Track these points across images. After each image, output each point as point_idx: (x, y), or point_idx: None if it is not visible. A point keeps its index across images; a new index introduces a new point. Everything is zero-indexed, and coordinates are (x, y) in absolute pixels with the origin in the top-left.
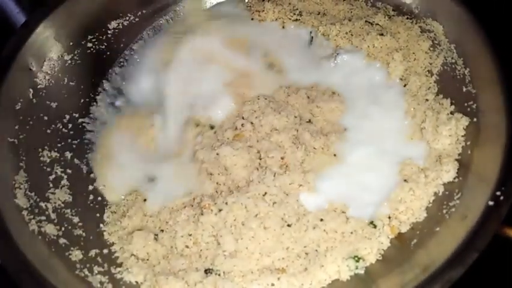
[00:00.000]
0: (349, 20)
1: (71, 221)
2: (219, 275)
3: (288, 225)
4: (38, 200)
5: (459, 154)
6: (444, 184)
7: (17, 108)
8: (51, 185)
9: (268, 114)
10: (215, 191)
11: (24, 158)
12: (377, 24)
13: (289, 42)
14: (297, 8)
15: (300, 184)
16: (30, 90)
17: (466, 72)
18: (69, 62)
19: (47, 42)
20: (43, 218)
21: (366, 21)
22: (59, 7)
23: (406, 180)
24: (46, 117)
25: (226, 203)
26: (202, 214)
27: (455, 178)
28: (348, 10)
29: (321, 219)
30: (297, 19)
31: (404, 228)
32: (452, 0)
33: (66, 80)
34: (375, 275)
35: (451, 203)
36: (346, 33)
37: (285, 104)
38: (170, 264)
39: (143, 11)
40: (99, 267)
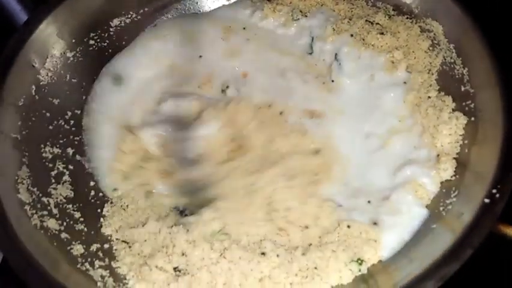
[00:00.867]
0: (349, 19)
1: (72, 216)
2: None
3: None
4: (40, 195)
5: (457, 153)
6: (441, 182)
7: (20, 104)
8: (53, 180)
9: None
10: None
11: (26, 154)
12: (377, 23)
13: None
14: (299, 8)
15: None
16: (33, 86)
17: (465, 71)
18: (71, 59)
19: (50, 40)
20: (45, 212)
21: (366, 21)
22: (62, 5)
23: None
24: (48, 114)
25: None
26: None
27: (452, 176)
28: (349, 9)
29: None
30: (298, 19)
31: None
32: (452, 0)
33: (68, 77)
34: (373, 270)
35: (447, 201)
36: (346, 31)
37: None
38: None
39: (145, 9)
40: (100, 262)
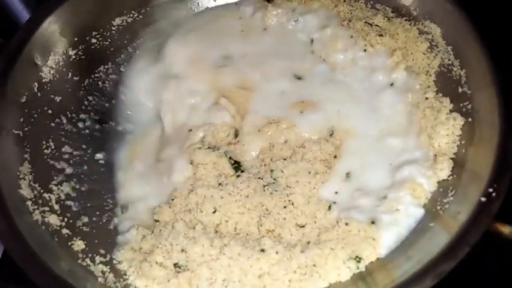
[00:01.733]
0: (349, 20)
1: (73, 212)
2: None
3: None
4: (41, 191)
5: (454, 153)
6: (438, 182)
7: (22, 101)
8: (54, 177)
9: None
10: None
11: (28, 150)
12: (376, 25)
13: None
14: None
15: None
16: (35, 84)
17: (462, 73)
18: (73, 57)
19: (53, 38)
20: (47, 208)
21: (365, 22)
22: (65, 3)
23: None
24: (50, 111)
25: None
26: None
27: (449, 176)
28: (348, 11)
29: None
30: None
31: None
32: (450, 2)
33: (70, 75)
34: (371, 268)
35: (445, 200)
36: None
37: None
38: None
39: (147, 9)
40: (101, 257)
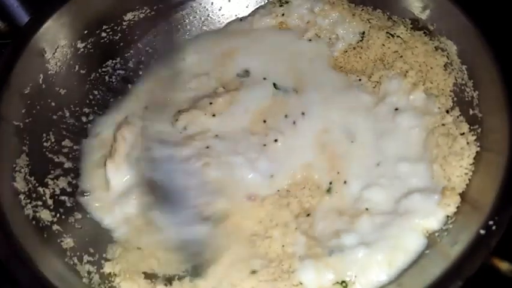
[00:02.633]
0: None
1: (67, 207)
2: None
3: None
4: (36, 184)
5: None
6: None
7: (26, 92)
8: (51, 171)
9: None
10: None
11: (27, 142)
12: (398, 36)
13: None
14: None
15: None
16: (41, 75)
17: (475, 95)
18: (81, 50)
19: (62, 29)
20: (39, 203)
21: (387, 33)
22: None
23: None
24: (54, 104)
25: None
26: None
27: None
28: (366, 21)
29: None
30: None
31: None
32: (468, 20)
33: (77, 68)
34: None
35: (444, 227)
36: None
37: None
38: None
39: (160, 5)
40: (89, 257)
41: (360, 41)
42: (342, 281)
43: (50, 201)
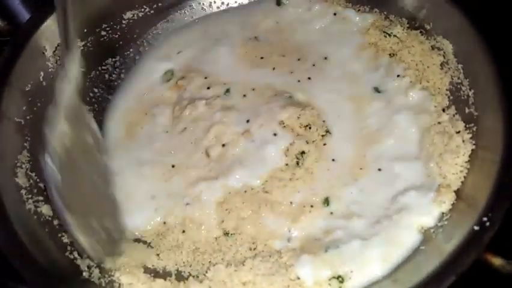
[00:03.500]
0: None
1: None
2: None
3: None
4: (38, 180)
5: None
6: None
7: (27, 89)
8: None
9: None
10: None
11: (28, 139)
12: (395, 36)
13: None
14: None
15: None
16: (41, 73)
17: (471, 93)
18: (82, 48)
19: None
20: (41, 198)
21: (384, 32)
22: None
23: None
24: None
25: None
26: None
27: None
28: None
29: None
30: None
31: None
32: (464, 20)
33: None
34: None
35: (439, 224)
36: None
37: None
38: None
39: (159, 4)
40: None
41: None
42: (339, 276)
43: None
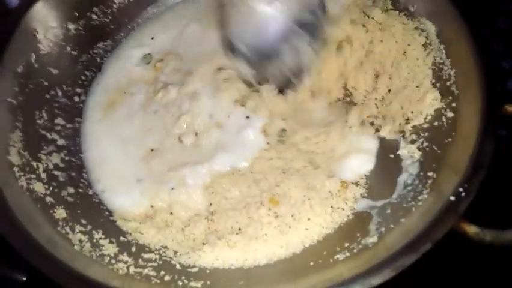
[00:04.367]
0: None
1: (60, 182)
2: None
3: None
4: (30, 159)
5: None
6: (418, 176)
7: (19, 71)
8: (44, 147)
9: None
10: None
11: (21, 119)
12: (373, 18)
13: None
14: None
15: None
16: (33, 55)
17: (452, 73)
18: (72, 31)
19: (53, 10)
20: (33, 176)
21: (363, 12)
22: None
23: None
24: (46, 83)
25: None
26: None
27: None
28: None
29: None
30: None
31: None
32: (447, 2)
33: (68, 49)
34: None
35: (419, 197)
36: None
37: None
38: None
39: None
40: (81, 227)
41: None
42: None
43: (43, 175)
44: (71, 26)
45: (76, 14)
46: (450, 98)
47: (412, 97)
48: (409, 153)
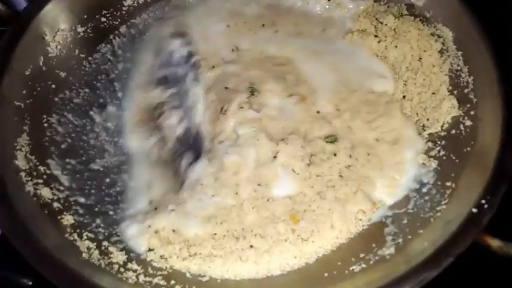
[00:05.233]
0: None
1: (67, 187)
2: None
3: None
4: (37, 163)
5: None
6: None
7: (27, 73)
8: (52, 151)
9: None
10: None
11: (28, 123)
12: (386, 24)
13: None
14: None
15: None
16: (41, 57)
17: (470, 80)
18: (81, 34)
19: (62, 13)
20: (40, 181)
21: (376, 19)
22: None
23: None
24: (54, 86)
25: None
26: None
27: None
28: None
29: None
30: None
31: None
32: (464, 7)
33: (77, 52)
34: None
35: (438, 208)
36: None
37: None
38: None
39: None
40: (89, 233)
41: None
42: None
43: (50, 180)
44: (80, 29)
45: (85, 16)
46: (468, 105)
47: (428, 104)
48: (421, 161)
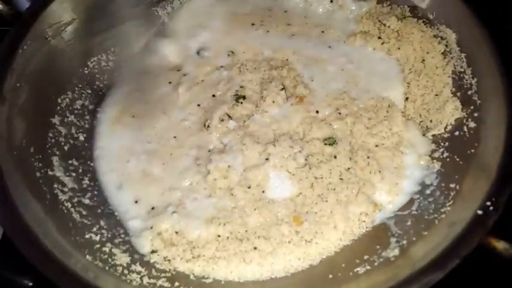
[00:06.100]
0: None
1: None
2: None
3: None
4: (40, 165)
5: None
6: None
7: (30, 73)
8: (56, 152)
9: None
10: None
11: (31, 123)
12: (389, 26)
13: None
14: None
15: None
16: (44, 58)
17: (473, 82)
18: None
19: (64, 14)
20: (43, 182)
21: (379, 21)
22: None
23: None
24: (57, 86)
25: None
26: None
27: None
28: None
29: None
30: None
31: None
32: (468, 9)
33: (80, 52)
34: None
35: (442, 209)
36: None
37: None
38: None
39: None
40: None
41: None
42: None
43: (53, 181)
44: (82, 30)
45: (88, 16)
46: (472, 107)
47: (431, 106)
48: (424, 163)
